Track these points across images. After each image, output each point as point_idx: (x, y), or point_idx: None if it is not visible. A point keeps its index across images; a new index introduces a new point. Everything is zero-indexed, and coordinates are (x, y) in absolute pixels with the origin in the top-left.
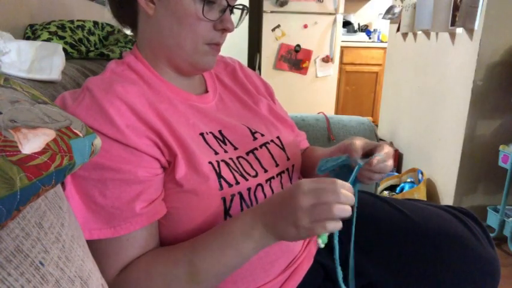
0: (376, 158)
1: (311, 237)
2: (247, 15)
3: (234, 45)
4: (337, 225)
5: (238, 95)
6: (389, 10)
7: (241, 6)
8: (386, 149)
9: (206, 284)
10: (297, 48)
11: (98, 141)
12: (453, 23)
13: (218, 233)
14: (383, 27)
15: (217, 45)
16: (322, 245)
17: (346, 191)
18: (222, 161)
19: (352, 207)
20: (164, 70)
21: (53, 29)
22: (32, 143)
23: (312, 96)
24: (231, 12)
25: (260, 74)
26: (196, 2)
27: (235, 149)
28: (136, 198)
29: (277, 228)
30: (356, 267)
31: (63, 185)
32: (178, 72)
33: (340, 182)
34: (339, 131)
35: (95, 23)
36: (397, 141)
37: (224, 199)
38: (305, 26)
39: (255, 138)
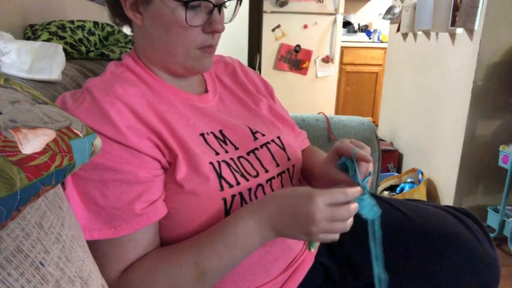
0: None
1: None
2: (248, 13)
3: (234, 45)
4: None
5: (238, 95)
6: (390, 10)
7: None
8: (349, 145)
9: (212, 282)
10: (297, 49)
11: (98, 141)
12: (453, 23)
13: (223, 234)
14: (383, 27)
15: (210, 47)
16: (313, 250)
17: (354, 206)
18: (223, 161)
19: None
20: (161, 74)
21: (53, 29)
22: (32, 143)
23: (312, 96)
24: (224, 7)
25: (260, 74)
26: (177, 10)
27: (236, 149)
28: (137, 198)
29: (286, 233)
30: (356, 268)
31: (63, 185)
32: (174, 75)
33: (349, 191)
34: (339, 131)
35: (95, 23)
36: (397, 141)
37: (225, 199)
38: (305, 26)
39: (255, 138)
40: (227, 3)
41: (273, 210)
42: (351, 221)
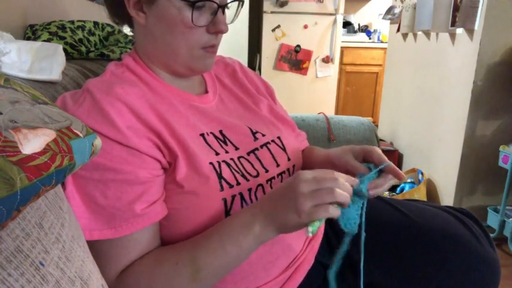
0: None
1: (312, 221)
2: (248, 13)
3: (234, 45)
4: (337, 212)
5: (238, 95)
6: (390, 10)
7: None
8: (383, 155)
9: (208, 281)
10: (297, 49)
11: (98, 141)
12: (453, 23)
13: (219, 229)
14: (383, 27)
15: (212, 47)
16: (310, 234)
17: (343, 179)
18: (223, 161)
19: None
20: (162, 74)
21: (53, 29)
22: (32, 143)
23: (312, 96)
24: (226, 8)
25: (260, 74)
26: (183, 10)
27: (236, 149)
28: (138, 199)
29: (278, 217)
30: (356, 268)
31: (63, 185)
32: (176, 75)
33: (339, 173)
34: (339, 132)
35: (95, 24)
36: (397, 141)
37: (225, 200)
38: (305, 27)
39: (256, 139)
40: (229, 5)
41: (265, 200)
42: (341, 192)
